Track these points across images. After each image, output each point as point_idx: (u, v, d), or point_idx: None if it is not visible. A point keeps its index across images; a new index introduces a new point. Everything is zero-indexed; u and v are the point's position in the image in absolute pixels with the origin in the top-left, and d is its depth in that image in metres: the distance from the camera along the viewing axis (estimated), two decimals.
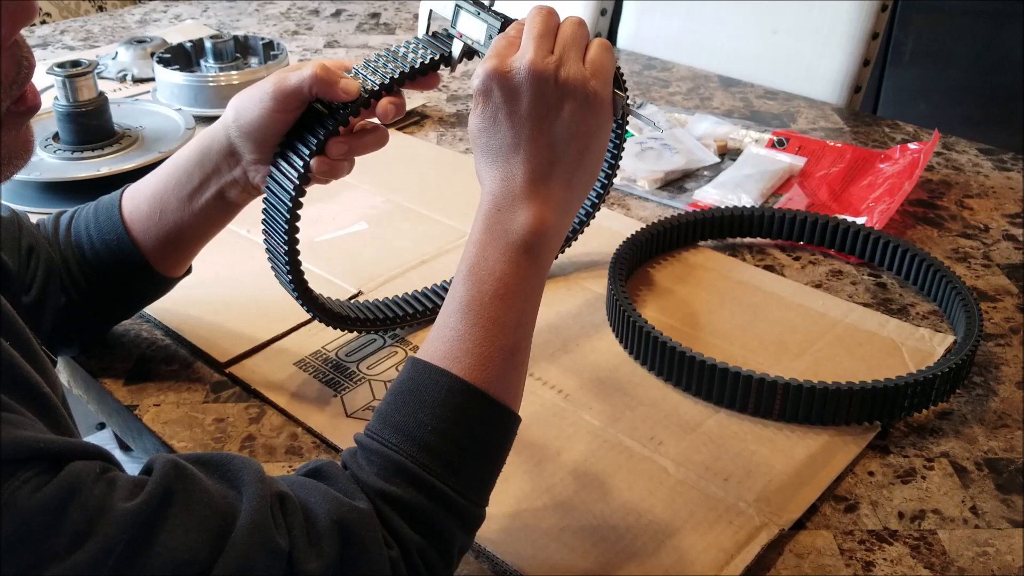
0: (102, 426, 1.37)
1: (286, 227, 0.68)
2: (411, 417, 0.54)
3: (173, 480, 0.45)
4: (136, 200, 0.74)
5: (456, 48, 0.67)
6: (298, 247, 0.71)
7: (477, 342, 0.55)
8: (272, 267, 0.73)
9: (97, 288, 0.76)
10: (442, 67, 0.68)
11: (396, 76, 0.67)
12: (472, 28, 0.66)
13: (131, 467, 1.74)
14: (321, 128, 0.67)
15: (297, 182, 0.66)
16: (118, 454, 1.91)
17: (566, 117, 0.57)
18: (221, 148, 0.71)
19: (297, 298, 0.74)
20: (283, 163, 0.68)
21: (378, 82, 0.67)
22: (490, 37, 0.64)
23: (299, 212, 0.68)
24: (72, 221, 0.77)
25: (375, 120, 0.71)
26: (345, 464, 0.54)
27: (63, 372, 0.88)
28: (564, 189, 0.58)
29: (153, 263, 0.75)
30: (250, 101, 0.68)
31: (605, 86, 0.58)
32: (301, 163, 0.67)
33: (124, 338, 0.84)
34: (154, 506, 0.44)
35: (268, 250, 0.72)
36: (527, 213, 0.57)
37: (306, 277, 0.88)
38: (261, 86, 0.68)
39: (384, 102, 0.68)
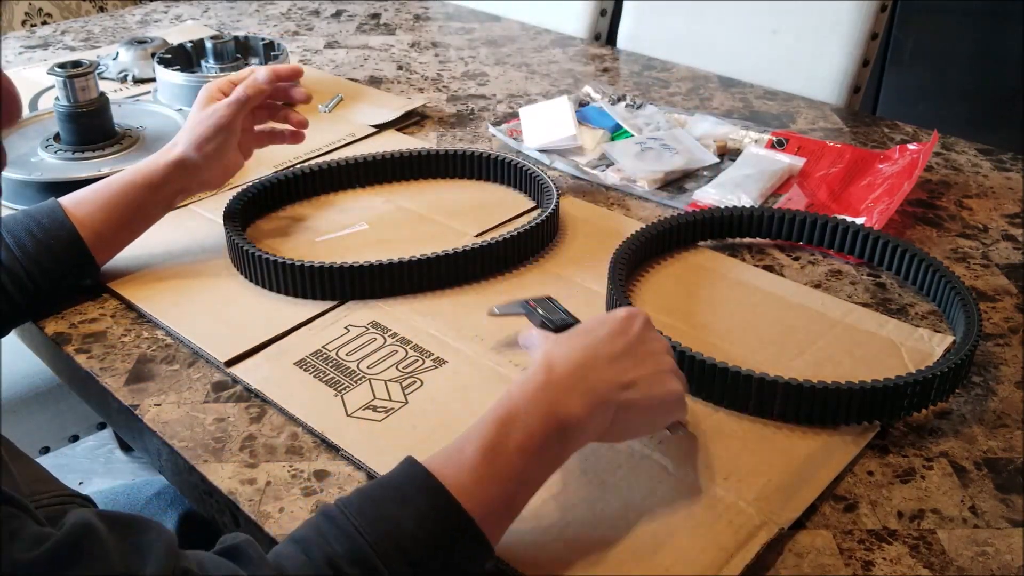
0: (102, 426, 1.37)
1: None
2: (392, 515, 0.54)
3: (78, 539, 0.45)
4: (84, 206, 0.86)
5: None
6: None
7: (484, 479, 0.57)
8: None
9: (37, 281, 0.83)
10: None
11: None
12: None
13: (131, 467, 1.73)
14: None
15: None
16: (118, 454, 1.91)
17: (661, 381, 0.64)
18: (183, 173, 0.90)
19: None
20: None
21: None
22: None
23: None
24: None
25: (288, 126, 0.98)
26: (305, 541, 0.53)
27: (63, 372, 0.88)
28: (613, 419, 0.62)
29: (96, 258, 0.87)
30: (206, 141, 0.90)
31: (682, 405, 0.66)
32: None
33: (125, 337, 0.85)
34: (50, 561, 0.43)
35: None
36: (581, 409, 0.60)
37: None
38: (209, 129, 0.90)
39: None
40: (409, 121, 1.29)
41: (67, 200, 0.87)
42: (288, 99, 0.98)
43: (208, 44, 1.30)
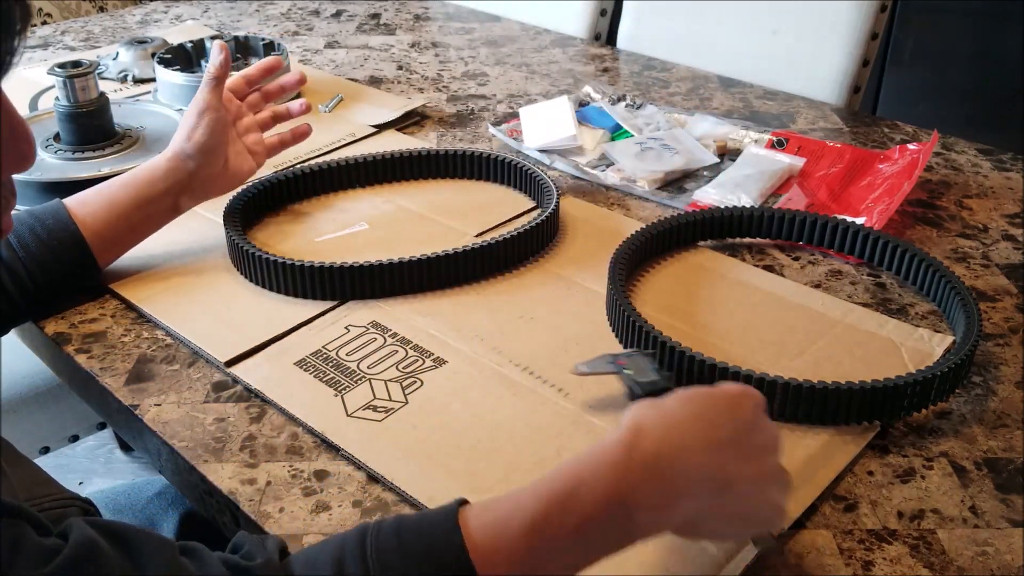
0: (102, 426, 1.37)
1: None
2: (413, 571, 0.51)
3: (82, 559, 0.45)
4: (88, 207, 0.86)
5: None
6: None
7: (524, 564, 0.51)
8: None
9: (39, 280, 0.83)
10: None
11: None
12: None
13: (131, 467, 1.73)
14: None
15: None
16: (118, 454, 1.91)
17: (762, 488, 0.55)
18: (181, 167, 0.90)
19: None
20: None
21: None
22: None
23: None
24: None
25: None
26: (345, 548, 0.52)
27: (63, 372, 0.88)
28: (694, 516, 0.54)
29: (98, 260, 0.87)
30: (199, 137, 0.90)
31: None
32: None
33: (125, 337, 0.85)
34: None
35: None
36: (658, 498, 0.52)
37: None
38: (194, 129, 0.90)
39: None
40: (409, 121, 1.29)
41: (72, 201, 0.87)
42: (287, 115, 1.00)
43: (208, 44, 1.30)
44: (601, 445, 0.54)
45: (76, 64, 1.06)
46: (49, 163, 1.08)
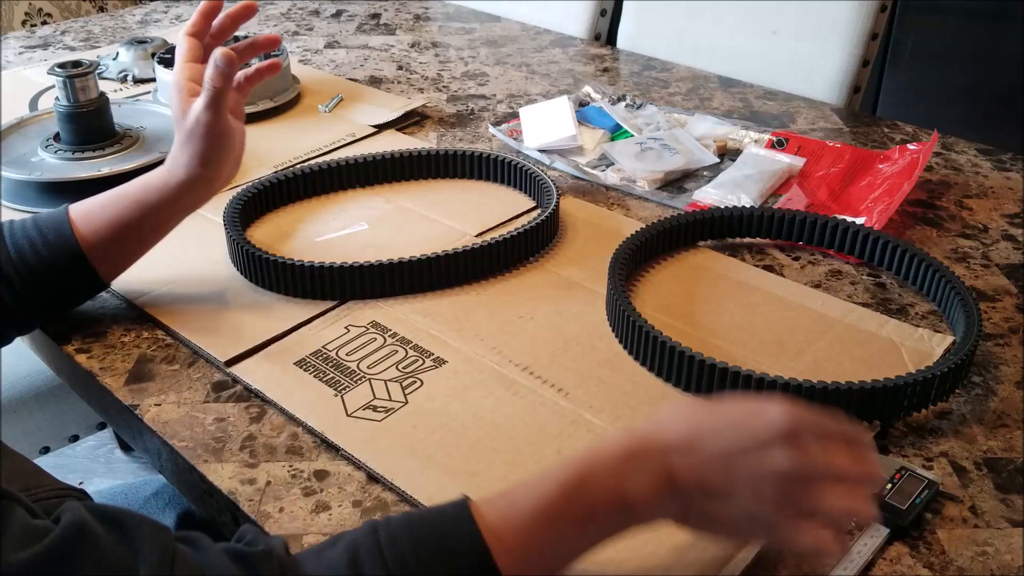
0: (103, 426, 1.37)
1: None
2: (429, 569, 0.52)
3: (73, 539, 0.45)
4: (92, 222, 0.81)
5: None
6: None
7: (533, 548, 0.53)
8: None
9: (34, 293, 0.80)
10: None
11: None
12: None
13: (131, 467, 1.72)
14: None
15: None
16: (118, 454, 1.91)
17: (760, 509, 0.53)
18: (196, 188, 0.81)
19: None
20: None
21: None
22: None
23: None
24: (5, 231, 0.80)
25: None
26: (358, 544, 0.52)
27: (63, 372, 0.88)
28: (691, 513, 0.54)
29: (101, 273, 0.82)
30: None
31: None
32: None
33: (125, 337, 0.85)
34: (46, 562, 0.43)
35: None
36: (651, 494, 0.53)
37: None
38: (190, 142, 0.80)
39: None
40: (409, 121, 1.29)
41: (77, 213, 0.81)
42: (259, 50, 0.87)
43: None
44: (618, 436, 0.55)
45: (76, 64, 1.06)
46: (49, 163, 1.08)
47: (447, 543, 0.52)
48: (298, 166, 1.08)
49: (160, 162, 0.84)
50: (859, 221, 0.97)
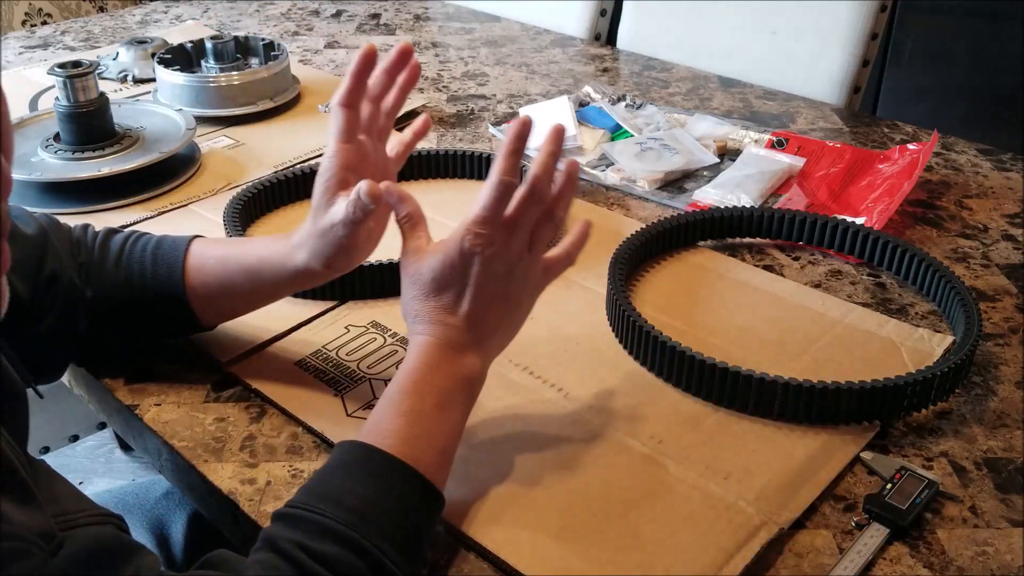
0: (103, 426, 1.38)
1: None
2: (340, 487, 0.56)
3: None
4: (204, 272, 0.75)
5: None
6: None
7: (413, 436, 0.60)
8: None
9: (132, 322, 0.76)
10: None
11: None
12: None
13: (131, 467, 1.72)
14: None
15: None
16: (118, 454, 1.91)
17: (514, 290, 0.66)
18: (311, 278, 0.74)
19: None
20: None
21: None
22: None
23: None
24: (126, 248, 0.76)
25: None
26: (269, 540, 0.54)
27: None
28: (497, 348, 0.67)
29: (200, 318, 0.77)
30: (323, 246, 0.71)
31: (536, 264, 0.68)
32: None
33: None
34: None
35: None
36: (475, 358, 0.64)
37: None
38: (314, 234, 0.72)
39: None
40: (409, 121, 1.29)
41: (194, 258, 0.76)
42: (414, 138, 0.82)
43: (208, 44, 1.30)
44: (418, 348, 0.64)
45: (76, 64, 1.06)
46: (49, 163, 1.08)
47: (345, 466, 0.58)
48: (298, 166, 1.08)
49: (160, 162, 0.84)
50: (859, 221, 0.97)
